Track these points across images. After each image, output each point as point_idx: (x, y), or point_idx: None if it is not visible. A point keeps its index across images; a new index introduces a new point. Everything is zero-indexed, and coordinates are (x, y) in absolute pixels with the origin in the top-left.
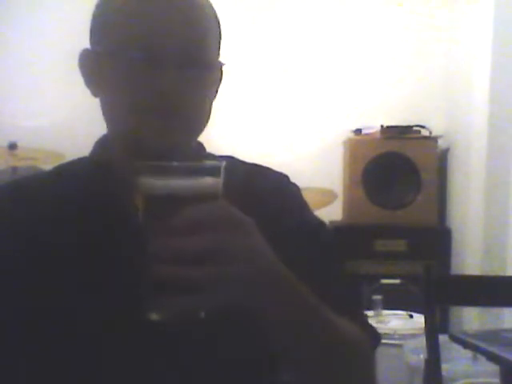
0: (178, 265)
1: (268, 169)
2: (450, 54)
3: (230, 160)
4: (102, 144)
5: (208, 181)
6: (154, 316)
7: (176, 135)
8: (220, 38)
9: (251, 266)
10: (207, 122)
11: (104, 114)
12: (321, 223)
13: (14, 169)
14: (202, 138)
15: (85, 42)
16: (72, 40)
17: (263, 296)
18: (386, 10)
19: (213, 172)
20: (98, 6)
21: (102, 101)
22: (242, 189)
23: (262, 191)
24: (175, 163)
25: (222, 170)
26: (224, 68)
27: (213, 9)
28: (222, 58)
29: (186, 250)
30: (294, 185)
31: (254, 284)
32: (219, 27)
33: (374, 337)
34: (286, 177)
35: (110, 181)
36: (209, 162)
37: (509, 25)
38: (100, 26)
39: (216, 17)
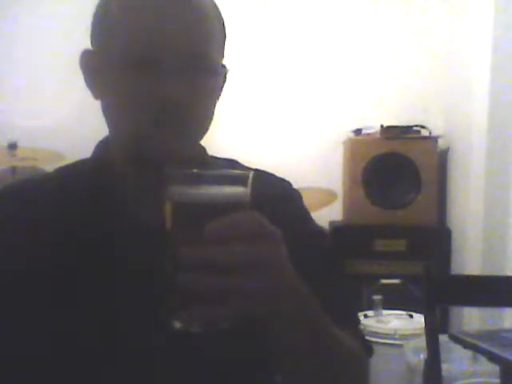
0: (207, 274)
1: (271, 174)
2: (450, 54)
3: (233, 164)
4: (103, 146)
5: (237, 190)
6: (177, 324)
7: (177, 143)
8: (224, 39)
9: (280, 279)
10: (209, 126)
11: (105, 116)
12: (322, 232)
13: (14, 169)
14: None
15: (85, 42)
16: (72, 40)
17: (285, 309)
18: (386, 11)
19: (241, 181)
20: (98, 7)
21: (102, 104)
22: None
23: (266, 198)
24: (204, 171)
25: (251, 179)
26: (228, 73)
27: (218, 10)
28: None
29: (216, 260)
30: (296, 191)
31: (280, 297)
32: (224, 29)
33: (368, 349)
34: (288, 183)
35: (112, 184)
36: (237, 171)
37: (509, 25)
38: (101, 28)
39: (221, 18)
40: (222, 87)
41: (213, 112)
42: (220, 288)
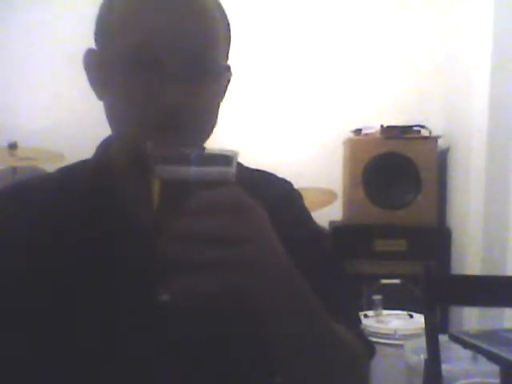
0: (188, 244)
1: (271, 175)
2: (450, 54)
3: None
4: (105, 146)
5: (221, 169)
6: (165, 297)
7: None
8: (229, 40)
9: (262, 250)
10: (213, 129)
11: (107, 117)
12: (322, 232)
13: (14, 169)
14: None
15: (86, 42)
16: (73, 40)
17: (271, 281)
18: (386, 11)
19: (226, 161)
20: (102, 7)
21: (105, 104)
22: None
23: (267, 198)
24: (189, 150)
25: (235, 159)
26: (231, 79)
27: (223, 11)
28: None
29: (196, 230)
30: (297, 191)
31: (265, 268)
32: (229, 30)
33: (369, 349)
34: (289, 184)
35: (113, 184)
36: (222, 152)
37: (509, 25)
38: (104, 28)
39: (226, 20)
40: (225, 90)
41: (216, 115)
42: (200, 257)
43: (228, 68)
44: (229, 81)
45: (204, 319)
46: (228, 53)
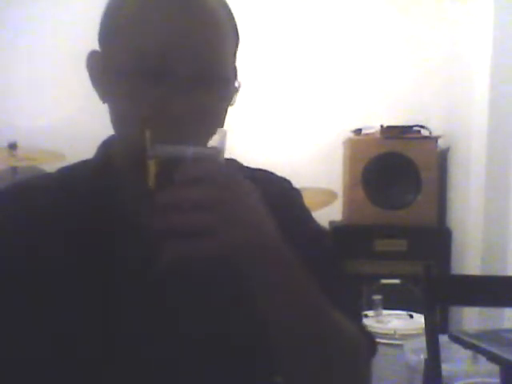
0: (173, 213)
1: (271, 173)
2: (450, 54)
3: (233, 163)
4: (106, 146)
5: (214, 148)
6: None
7: None
8: (237, 45)
9: (248, 222)
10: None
11: (111, 121)
12: (322, 231)
13: (14, 169)
14: None
15: (85, 43)
16: (72, 40)
17: (257, 248)
18: (386, 11)
19: (215, 147)
20: (108, 10)
21: (109, 107)
22: None
23: (267, 197)
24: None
25: (225, 137)
26: (240, 89)
27: (231, 15)
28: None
29: (185, 199)
30: (296, 190)
31: (248, 238)
32: (237, 34)
33: (371, 344)
34: (288, 182)
35: (113, 185)
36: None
37: (509, 25)
38: (109, 32)
39: (234, 23)
40: (234, 98)
41: (222, 122)
42: (189, 223)
43: (236, 76)
44: (237, 88)
45: (202, 316)
46: (235, 57)
